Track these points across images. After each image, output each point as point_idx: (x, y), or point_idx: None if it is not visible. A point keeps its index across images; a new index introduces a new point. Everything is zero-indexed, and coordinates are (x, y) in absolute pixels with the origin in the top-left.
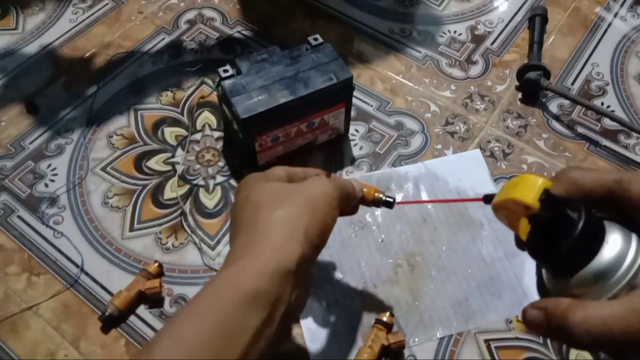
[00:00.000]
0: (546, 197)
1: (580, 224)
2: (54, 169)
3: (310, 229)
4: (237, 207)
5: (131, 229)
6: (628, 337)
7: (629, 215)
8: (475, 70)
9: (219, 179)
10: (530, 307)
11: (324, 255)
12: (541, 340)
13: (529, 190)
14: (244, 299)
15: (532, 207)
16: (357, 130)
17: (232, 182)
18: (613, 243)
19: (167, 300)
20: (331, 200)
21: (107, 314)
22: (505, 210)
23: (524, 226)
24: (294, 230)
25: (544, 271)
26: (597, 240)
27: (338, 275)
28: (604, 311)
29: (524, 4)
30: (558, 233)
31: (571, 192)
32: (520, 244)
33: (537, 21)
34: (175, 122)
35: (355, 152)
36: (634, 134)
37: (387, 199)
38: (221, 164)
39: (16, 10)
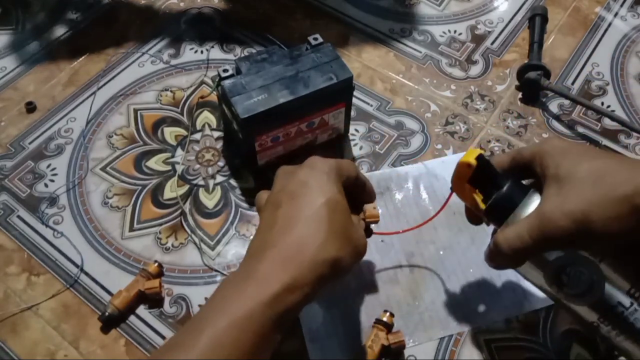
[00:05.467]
0: (479, 156)
1: (509, 182)
2: (53, 169)
3: (340, 275)
4: (303, 196)
5: (131, 229)
6: (538, 237)
7: (534, 174)
8: (475, 70)
9: (219, 178)
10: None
11: None
12: (541, 340)
13: (468, 155)
14: (278, 318)
15: (471, 164)
16: (357, 130)
17: (232, 182)
18: (535, 200)
19: (166, 300)
20: (360, 257)
21: (106, 314)
22: (461, 183)
23: (478, 198)
24: (331, 273)
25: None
26: (520, 195)
27: None
28: (515, 227)
29: (524, 3)
30: (493, 186)
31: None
32: (472, 218)
33: (537, 21)
34: (175, 122)
35: (356, 152)
36: (634, 134)
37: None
38: (221, 163)
39: (16, 10)
